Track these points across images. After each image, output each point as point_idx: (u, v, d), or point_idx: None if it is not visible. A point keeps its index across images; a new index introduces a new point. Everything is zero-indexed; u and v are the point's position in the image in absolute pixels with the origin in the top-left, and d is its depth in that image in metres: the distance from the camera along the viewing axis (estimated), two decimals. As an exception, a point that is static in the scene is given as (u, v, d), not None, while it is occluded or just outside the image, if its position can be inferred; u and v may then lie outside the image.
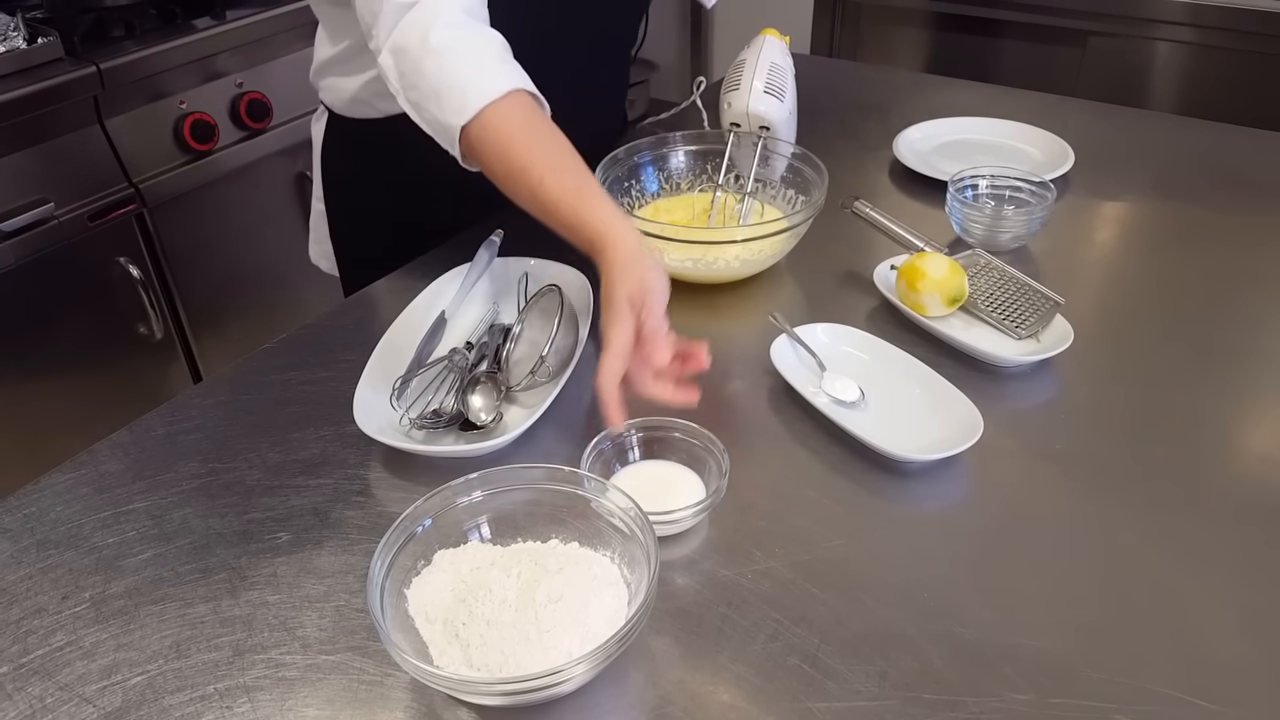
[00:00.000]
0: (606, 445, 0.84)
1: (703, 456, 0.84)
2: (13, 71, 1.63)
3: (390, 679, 0.69)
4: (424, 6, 0.93)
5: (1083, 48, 2.22)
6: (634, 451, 0.86)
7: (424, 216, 1.24)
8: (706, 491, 0.81)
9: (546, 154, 0.92)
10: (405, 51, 0.94)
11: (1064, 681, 0.67)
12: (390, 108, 1.08)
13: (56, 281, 1.74)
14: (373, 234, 1.31)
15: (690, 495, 0.81)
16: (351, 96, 1.18)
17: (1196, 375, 0.96)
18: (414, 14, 0.93)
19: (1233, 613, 0.72)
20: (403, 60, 0.94)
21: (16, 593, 0.77)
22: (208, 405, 0.96)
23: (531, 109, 0.94)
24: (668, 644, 0.71)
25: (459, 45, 0.93)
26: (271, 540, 0.80)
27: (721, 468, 0.80)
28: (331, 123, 1.25)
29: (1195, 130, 1.46)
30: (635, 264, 0.85)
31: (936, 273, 1.00)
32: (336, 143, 1.27)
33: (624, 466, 0.85)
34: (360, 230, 1.33)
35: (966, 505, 0.83)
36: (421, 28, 0.92)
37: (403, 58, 0.94)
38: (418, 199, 1.23)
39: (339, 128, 1.25)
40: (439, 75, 0.92)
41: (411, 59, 0.93)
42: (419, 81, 0.94)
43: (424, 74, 0.93)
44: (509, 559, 0.73)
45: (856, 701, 0.66)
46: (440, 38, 0.92)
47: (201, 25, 1.86)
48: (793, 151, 1.20)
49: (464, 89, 0.92)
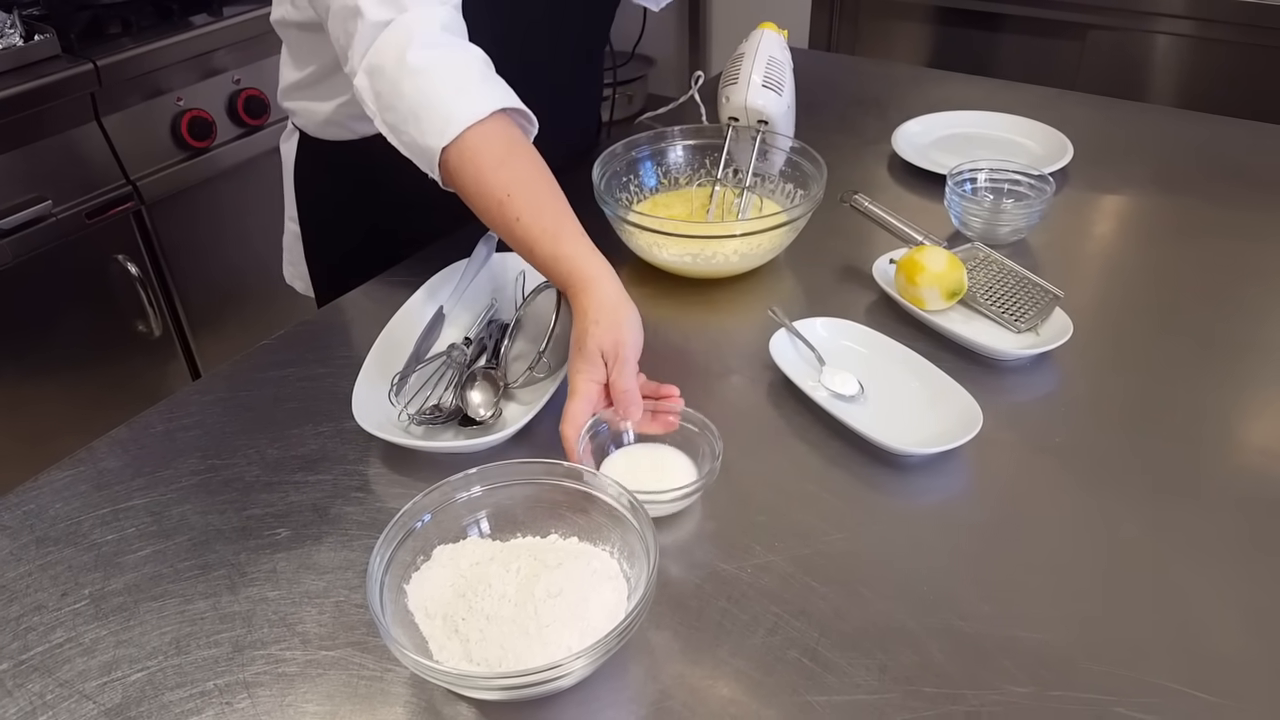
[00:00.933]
0: (602, 428, 0.84)
1: (696, 440, 0.84)
2: (9, 69, 1.63)
3: (390, 674, 0.69)
4: (400, 25, 0.90)
5: (1082, 41, 2.22)
6: (628, 434, 0.86)
7: (401, 229, 1.21)
8: (699, 474, 0.81)
9: (524, 187, 0.89)
10: (382, 72, 0.90)
11: (1064, 674, 0.67)
12: (366, 129, 1.05)
13: (54, 279, 1.73)
14: (349, 252, 1.26)
15: (683, 477, 0.81)
16: (325, 119, 1.16)
17: (1196, 368, 0.96)
18: (390, 33, 0.90)
19: (1233, 605, 0.72)
20: (379, 81, 0.91)
21: (16, 590, 0.76)
22: (207, 402, 0.96)
23: (513, 134, 0.92)
24: (667, 638, 0.71)
25: (438, 65, 0.90)
26: (271, 536, 0.80)
27: (715, 450, 0.80)
28: (304, 143, 1.22)
29: (1195, 123, 1.46)
30: (613, 314, 0.84)
31: (935, 266, 0.99)
32: (309, 162, 1.24)
33: (618, 449, 0.85)
34: (336, 248, 1.29)
35: (966, 499, 0.83)
36: (399, 47, 0.89)
37: (379, 78, 0.91)
38: (395, 215, 1.20)
39: (311, 148, 1.22)
40: (417, 96, 0.89)
41: (389, 80, 0.90)
42: (397, 103, 0.90)
43: (402, 95, 0.90)
44: (508, 554, 0.73)
45: (856, 695, 0.66)
46: (418, 58, 0.89)
47: (198, 22, 1.86)
48: (791, 145, 1.20)
49: (444, 110, 0.89)
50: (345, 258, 1.26)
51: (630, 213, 1.08)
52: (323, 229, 1.28)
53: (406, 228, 1.19)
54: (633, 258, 1.13)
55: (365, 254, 1.21)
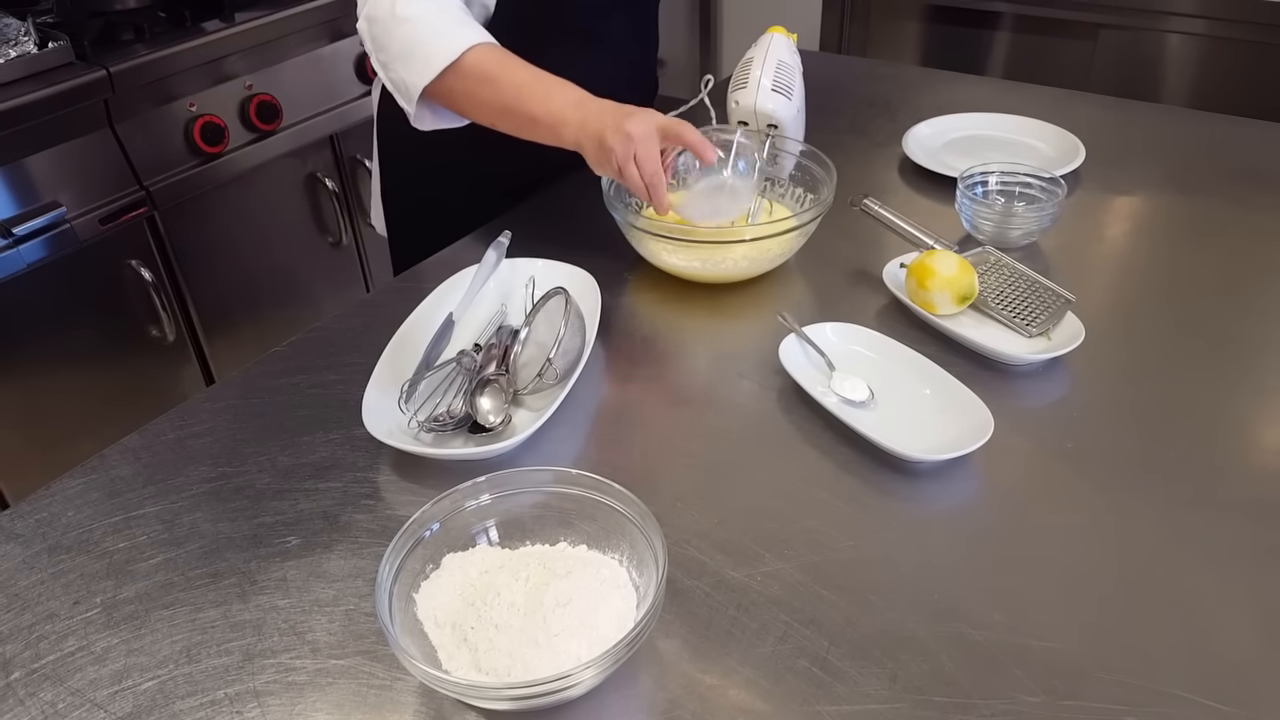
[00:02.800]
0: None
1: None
2: (23, 76, 1.64)
3: (400, 683, 0.69)
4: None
5: (1094, 41, 2.21)
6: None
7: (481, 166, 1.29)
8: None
9: (534, 78, 1.06)
10: (376, 20, 1.08)
11: (1076, 683, 0.67)
12: None
13: (69, 285, 1.74)
14: (424, 194, 1.38)
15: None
16: None
17: (1211, 372, 0.95)
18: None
19: (1248, 614, 0.71)
20: (374, 26, 1.08)
21: (29, 598, 0.77)
22: (217, 409, 0.96)
23: (499, 53, 1.07)
24: (676, 647, 0.70)
25: (423, 14, 1.06)
26: (281, 545, 0.80)
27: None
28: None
29: (1208, 123, 1.45)
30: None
31: (946, 270, 0.99)
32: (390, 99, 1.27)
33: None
34: (411, 190, 1.40)
35: (977, 505, 0.83)
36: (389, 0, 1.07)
37: (375, 25, 1.08)
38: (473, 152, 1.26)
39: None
40: (405, 41, 1.06)
41: (382, 25, 1.07)
42: (388, 44, 1.07)
43: (393, 38, 1.07)
44: (517, 562, 0.73)
45: (866, 704, 0.66)
46: (406, 8, 1.06)
47: (210, 28, 1.87)
48: (801, 149, 1.19)
49: (426, 52, 1.05)
50: (420, 201, 1.39)
51: (639, 217, 1.08)
52: (398, 168, 1.40)
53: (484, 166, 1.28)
54: (642, 262, 1.13)
55: (439, 195, 1.35)
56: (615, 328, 1.05)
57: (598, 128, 1.01)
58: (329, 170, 2.12)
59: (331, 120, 2.08)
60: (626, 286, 1.11)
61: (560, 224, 1.21)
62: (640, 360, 1.01)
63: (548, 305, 0.98)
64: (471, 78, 1.06)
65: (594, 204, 1.11)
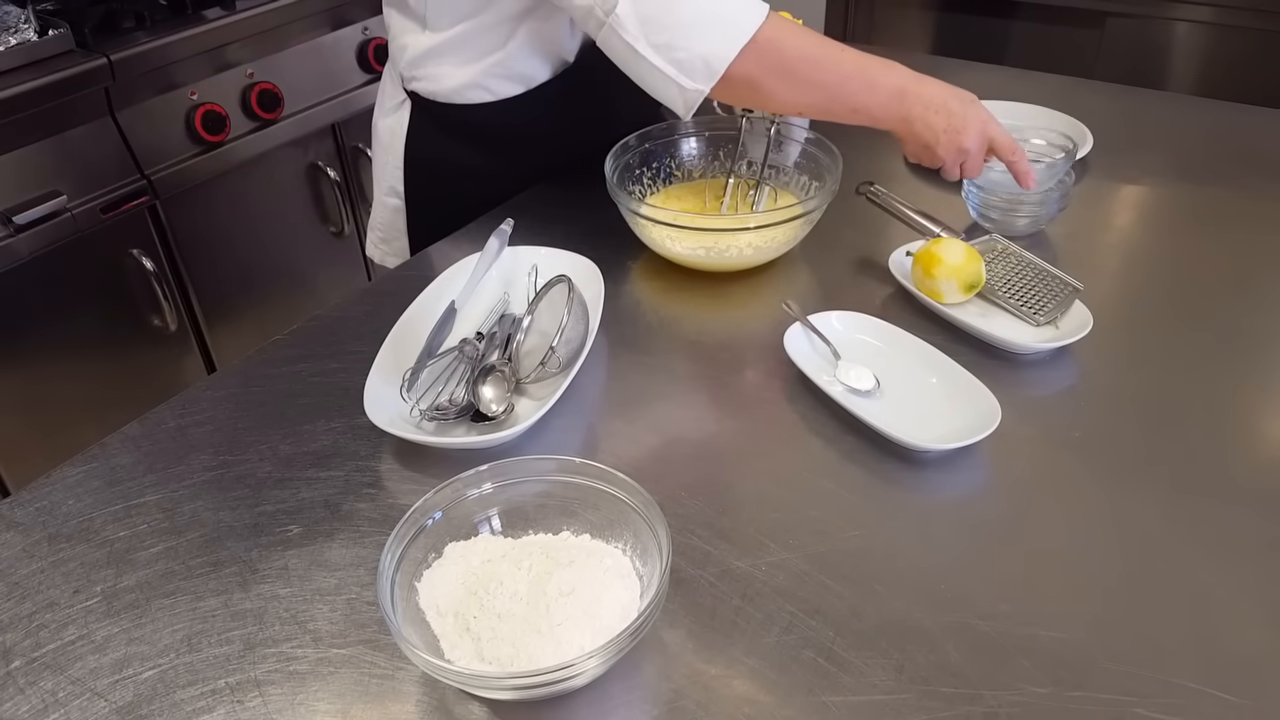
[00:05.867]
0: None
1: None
2: (24, 64, 1.64)
3: (401, 672, 0.68)
4: None
5: (1100, 29, 2.20)
6: None
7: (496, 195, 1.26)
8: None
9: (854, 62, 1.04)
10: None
11: (1083, 674, 0.66)
12: (510, 89, 1.17)
13: (70, 274, 1.74)
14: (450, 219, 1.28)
15: None
16: (466, 82, 1.17)
17: (1219, 361, 0.94)
18: None
19: (1256, 604, 0.71)
20: (646, 5, 0.97)
21: (28, 587, 0.76)
22: (219, 398, 0.95)
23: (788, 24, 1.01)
24: (680, 637, 0.70)
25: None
26: (283, 533, 0.80)
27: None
28: (423, 110, 1.22)
29: (1216, 111, 1.43)
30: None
31: (953, 259, 0.98)
32: (427, 131, 1.24)
33: None
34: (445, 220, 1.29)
35: (984, 495, 0.82)
36: None
37: (646, 3, 0.97)
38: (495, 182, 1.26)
39: (434, 114, 1.22)
40: (695, 8, 0.97)
41: (659, 2, 0.97)
42: (671, 18, 0.97)
43: (679, 7, 0.97)
44: (520, 551, 0.72)
45: (872, 695, 0.65)
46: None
47: (212, 16, 1.86)
48: (806, 137, 1.18)
49: (727, 15, 0.97)
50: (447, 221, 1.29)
51: (644, 206, 1.07)
52: (432, 201, 1.29)
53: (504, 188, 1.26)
54: (646, 251, 1.12)
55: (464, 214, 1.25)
56: (618, 316, 1.04)
57: (927, 137, 1.05)
58: (331, 159, 2.11)
59: (333, 109, 2.07)
60: (630, 275, 1.11)
61: (563, 212, 1.21)
62: (644, 349, 1.00)
63: (550, 293, 0.97)
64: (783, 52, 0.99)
65: (597, 192, 1.10)
